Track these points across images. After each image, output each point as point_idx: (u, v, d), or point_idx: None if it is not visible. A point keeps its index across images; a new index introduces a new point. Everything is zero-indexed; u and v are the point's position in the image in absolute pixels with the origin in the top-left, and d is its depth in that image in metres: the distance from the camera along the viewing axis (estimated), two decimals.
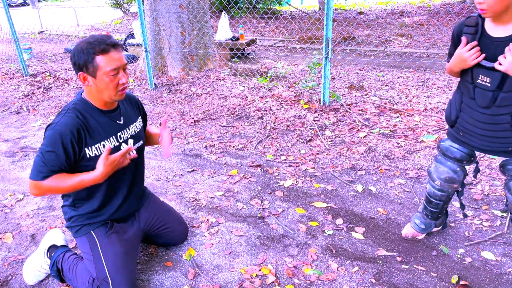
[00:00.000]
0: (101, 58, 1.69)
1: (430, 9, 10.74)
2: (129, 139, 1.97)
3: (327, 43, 3.92)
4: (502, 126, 1.75)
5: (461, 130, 1.94)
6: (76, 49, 1.71)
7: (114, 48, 1.72)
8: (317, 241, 2.38)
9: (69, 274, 2.00)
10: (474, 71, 1.76)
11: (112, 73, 1.72)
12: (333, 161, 3.29)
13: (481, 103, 1.78)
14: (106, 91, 1.76)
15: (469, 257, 2.19)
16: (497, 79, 1.68)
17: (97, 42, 1.68)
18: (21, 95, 5.42)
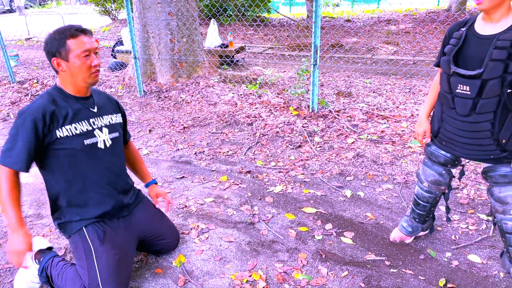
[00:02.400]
0: (72, 41, 1.79)
1: (416, 17, 10.93)
2: (103, 127, 2.01)
3: (316, 50, 3.97)
4: (483, 134, 1.80)
5: (444, 140, 1.98)
6: (49, 38, 1.82)
7: (84, 33, 1.83)
8: (307, 246, 2.39)
9: (58, 280, 1.98)
10: (452, 82, 1.81)
11: (83, 55, 1.80)
12: (322, 167, 3.32)
13: (461, 111, 1.82)
14: (79, 73, 1.84)
15: (456, 260, 2.23)
16: (476, 87, 1.72)
17: (66, 28, 1.80)
18: (8, 102, 5.37)
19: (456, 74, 1.78)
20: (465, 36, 1.80)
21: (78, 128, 1.88)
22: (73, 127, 1.87)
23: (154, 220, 2.25)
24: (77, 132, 1.88)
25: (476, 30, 1.77)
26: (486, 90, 1.71)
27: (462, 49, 1.81)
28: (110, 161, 2.03)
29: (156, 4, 5.23)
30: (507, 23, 1.68)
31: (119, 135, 2.11)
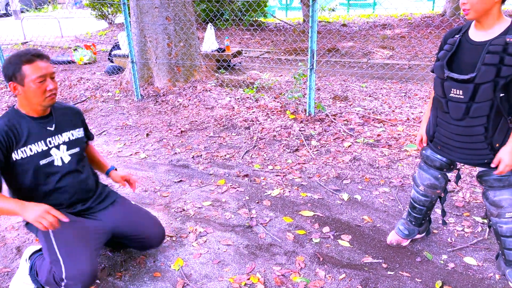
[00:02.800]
0: (27, 67, 1.82)
1: (411, 22, 11.03)
2: (61, 145, 2.05)
3: (312, 55, 4.00)
4: (477, 138, 1.83)
5: (439, 144, 2.01)
6: (6, 62, 1.86)
7: (39, 58, 1.86)
8: (305, 249, 2.41)
9: (39, 272, 2.01)
10: (445, 86, 1.84)
11: (38, 80, 1.84)
12: (319, 170, 3.34)
13: (455, 115, 1.84)
14: (34, 97, 1.88)
15: (452, 262, 2.25)
16: (469, 91, 1.75)
17: (23, 53, 1.84)
18: (5, 107, 5.36)
19: (449, 79, 1.81)
20: (459, 43, 1.83)
21: (34, 149, 1.93)
22: (28, 149, 1.92)
23: (130, 220, 2.21)
24: (31, 153, 1.93)
25: (469, 37, 1.80)
26: (479, 94, 1.74)
27: (456, 55, 1.84)
28: (68, 176, 2.06)
29: (154, 9, 5.26)
30: (499, 29, 1.71)
31: (79, 150, 2.14)
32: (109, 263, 2.34)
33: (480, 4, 1.66)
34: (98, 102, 5.42)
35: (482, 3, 1.66)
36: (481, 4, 1.66)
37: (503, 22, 1.71)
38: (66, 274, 1.83)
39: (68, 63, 8.34)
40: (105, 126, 4.61)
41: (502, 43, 1.67)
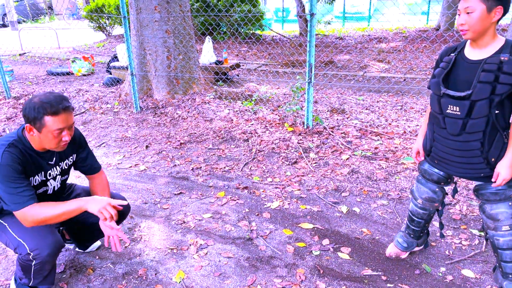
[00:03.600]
0: (49, 118, 1.82)
1: (405, 35, 11.20)
2: (57, 175, 2.15)
3: (310, 68, 4.07)
4: (473, 152, 1.88)
5: (436, 159, 2.06)
6: (29, 104, 1.84)
7: (65, 111, 1.85)
8: (305, 262, 2.43)
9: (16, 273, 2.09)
10: (442, 103, 1.90)
11: (57, 132, 1.86)
12: (318, 183, 3.38)
13: (452, 131, 1.90)
14: (47, 144, 1.91)
15: (450, 275, 2.29)
16: (466, 107, 1.81)
17: (49, 104, 1.81)
18: (4, 118, 5.37)
19: (446, 96, 1.87)
20: (455, 61, 1.90)
21: (37, 179, 2.01)
22: (33, 180, 2.00)
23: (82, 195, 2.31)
24: (34, 184, 2.00)
25: (465, 55, 1.87)
26: (475, 111, 1.79)
27: (452, 73, 1.90)
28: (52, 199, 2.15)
29: (154, 22, 5.33)
30: (494, 48, 1.78)
31: (67, 176, 2.25)
32: (111, 275, 2.35)
33: (478, 25, 1.73)
34: (97, 114, 5.45)
35: (480, 24, 1.72)
36: (479, 26, 1.73)
37: (498, 41, 1.78)
38: (29, 246, 1.91)
39: (67, 74, 8.38)
40: (104, 138, 4.63)
41: (496, 61, 1.73)
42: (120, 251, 2.14)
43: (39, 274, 2.01)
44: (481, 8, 1.70)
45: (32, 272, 1.98)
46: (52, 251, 1.95)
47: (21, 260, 1.95)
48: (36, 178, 2.00)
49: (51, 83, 7.64)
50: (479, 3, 1.70)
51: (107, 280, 2.31)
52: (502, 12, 1.72)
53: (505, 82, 1.72)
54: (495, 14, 1.71)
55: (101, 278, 2.33)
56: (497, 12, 1.71)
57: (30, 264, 1.94)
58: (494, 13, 1.71)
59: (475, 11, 1.71)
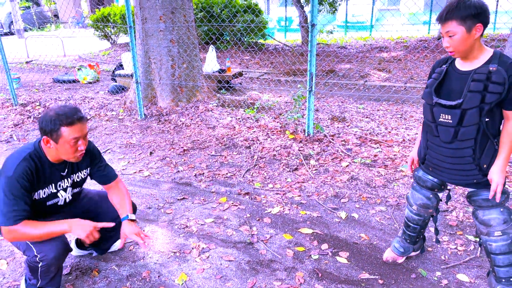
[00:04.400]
0: (65, 129, 1.93)
1: (406, 45, 11.31)
2: (68, 187, 2.23)
3: (311, 77, 4.16)
4: (466, 159, 1.96)
5: (430, 166, 2.14)
6: (45, 117, 1.94)
7: (79, 121, 1.97)
8: (304, 266, 2.50)
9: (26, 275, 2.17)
10: (434, 111, 1.98)
11: (73, 141, 1.96)
12: (318, 189, 3.46)
13: (445, 139, 1.98)
14: (64, 154, 2.01)
15: (445, 279, 2.35)
16: (457, 116, 1.89)
17: (65, 115, 1.92)
18: (11, 124, 5.49)
19: (438, 105, 1.96)
20: (446, 72, 1.98)
21: (46, 192, 2.10)
22: (42, 192, 2.09)
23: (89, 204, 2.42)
24: (43, 196, 2.10)
25: (456, 67, 1.96)
26: (466, 119, 1.88)
27: (444, 83, 1.99)
28: (64, 211, 2.27)
29: (159, 32, 5.45)
30: (483, 59, 1.87)
31: (80, 189, 2.36)
32: (115, 277, 2.43)
33: (462, 46, 1.82)
34: (102, 121, 5.55)
35: (463, 45, 1.82)
36: (463, 46, 1.82)
37: (486, 53, 1.87)
38: (36, 249, 2.00)
39: (72, 82, 8.52)
40: (109, 144, 4.73)
41: (485, 71, 1.82)
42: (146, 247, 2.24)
43: (46, 275, 2.09)
44: (461, 31, 1.78)
45: (39, 273, 2.07)
46: (58, 254, 2.03)
47: (29, 262, 2.04)
48: (45, 191, 2.10)
49: (57, 90, 7.78)
50: (458, 26, 1.78)
51: (111, 282, 2.39)
52: (482, 28, 1.79)
53: (494, 91, 1.80)
54: (476, 31, 1.79)
55: (106, 279, 2.41)
56: (477, 29, 1.78)
57: (37, 266, 2.03)
58: (475, 30, 1.79)
59: (456, 34, 1.80)
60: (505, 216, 1.99)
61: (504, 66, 1.80)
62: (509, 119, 1.87)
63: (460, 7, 1.77)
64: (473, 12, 1.75)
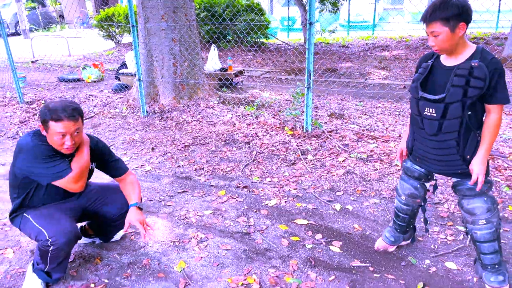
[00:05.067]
0: (52, 123, 2.07)
1: (408, 43, 11.36)
2: None
3: (309, 75, 4.26)
4: (450, 151, 2.05)
5: (417, 157, 2.23)
6: (42, 108, 2.12)
7: (68, 119, 2.07)
8: (298, 254, 2.60)
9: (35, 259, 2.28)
10: (420, 105, 2.07)
11: (57, 136, 2.09)
12: (314, 183, 3.55)
13: (429, 131, 2.07)
14: (54, 145, 2.15)
15: (434, 266, 2.44)
16: (441, 109, 1.98)
17: (55, 111, 2.06)
18: (17, 122, 5.62)
19: (423, 99, 2.05)
20: (432, 66, 2.07)
21: None
22: None
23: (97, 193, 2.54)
24: None
25: (441, 62, 2.04)
26: (449, 112, 1.96)
27: (430, 77, 2.08)
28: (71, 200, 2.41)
29: (161, 31, 5.57)
30: (466, 54, 1.95)
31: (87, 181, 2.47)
32: (117, 264, 2.53)
33: (446, 45, 1.91)
34: (106, 118, 5.68)
35: (448, 44, 1.90)
36: (447, 45, 1.91)
37: (469, 48, 1.95)
38: (48, 234, 2.12)
39: (77, 81, 8.66)
40: (112, 140, 4.84)
41: (467, 67, 1.90)
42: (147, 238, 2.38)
43: (54, 260, 2.20)
44: (444, 31, 1.86)
45: (48, 257, 2.17)
46: (68, 239, 2.15)
47: (41, 246, 2.15)
48: None
49: (62, 89, 7.92)
50: (441, 27, 1.86)
51: (113, 269, 2.49)
52: (465, 26, 1.87)
53: (476, 85, 1.88)
54: (459, 30, 1.87)
55: (108, 267, 2.51)
56: (460, 28, 1.86)
57: (48, 250, 2.14)
58: (458, 29, 1.86)
59: (441, 34, 1.88)
60: (488, 205, 2.07)
61: (485, 62, 1.88)
62: (490, 112, 1.95)
63: (443, 8, 1.84)
64: (456, 12, 1.83)
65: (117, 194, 2.52)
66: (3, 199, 3.45)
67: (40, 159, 2.09)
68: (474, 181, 2.02)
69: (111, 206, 2.50)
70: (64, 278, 2.38)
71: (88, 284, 2.35)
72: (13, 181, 2.26)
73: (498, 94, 1.89)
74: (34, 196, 2.28)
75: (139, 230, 2.32)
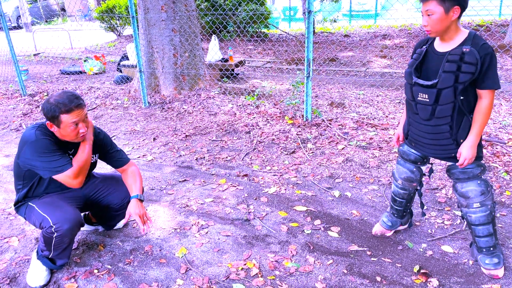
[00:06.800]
0: (64, 116, 2.11)
1: (410, 32, 11.29)
2: None
3: (308, 63, 4.27)
4: (443, 135, 2.08)
5: (412, 141, 2.27)
6: (46, 105, 2.13)
7: (77, 107, 2.14)
8: (297, 239, 2.64)
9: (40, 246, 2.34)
10: (414, 91, 2.10)
11: (73, 126, 2.15)
12: (313, 171, 3.58)
13: (423, 116, 2.10)
14: (67, 136, 2.20)
15: (430, 250, 2.47)
16: (433, 95, 2.01)
17: (63, 104, 2.10)
18: (20, 114, 5.68)
19: (417, 84, 2.07)
20: (426, 52, 2.09)
21: None
22: None
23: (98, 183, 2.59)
24: None
25: (435, 47, 2.06)
26: (442, 98, 1.99)
27: (424, 63, 2.10)
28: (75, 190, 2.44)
29: (161, 22, 5.57)
30: (458, 40, 1.97)
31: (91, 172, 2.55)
32: (120, 251, 2.59)
33: (439, 26, 1.93)
34: (107, 109, 5.72)
35: (441, 25, 1.93)
36: (440, 26, 1.93)
37: (462, 34, 1.97)
38: (52, 220, 2.17)
39: (79, 73, 8.70)
40: (114, 131, 4.89)
41: (459, 52, 1.92)
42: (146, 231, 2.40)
43: (58, 246, 2.25)
44: (439, 11, 1.90)
45: (53, 244, 2.23)
46: (72, 226, 2.20)
47: (45, 233, 2.20)
48: None
49: (64, 81, 7.96)
50: (437, 6, 1.89)
51: (116, 256, 2.55)
52: (459, 11, 1.90)
53: (467, 71, 1.90)
54: (453, 13, 1.90)
55: (111, 253, 2.57)
56: (454, 11, 1.90)
57: (52, 236, 2.19)
58: (452, 12, 1.90)
59: (435, 14, 1.91)
60: (482, 188, 2.11)
61: (476, 47, 1.90)
62: (482, 97, 1.97)
63: None
64: None
65: (119, 185, 2.57)
66: (7, 190, 3.51)
67: (41, 153, 2.13)
68: (461, 164, 2.05)
69: (114, 196, 2.55)
70: (68, 265, 2.44)
71: (92, 270, 2.41)
72: (18, 172, 2.31)
73: (489, 80, 1.92)
74: (38, 187, 2.34)
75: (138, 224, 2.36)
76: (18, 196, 2.36)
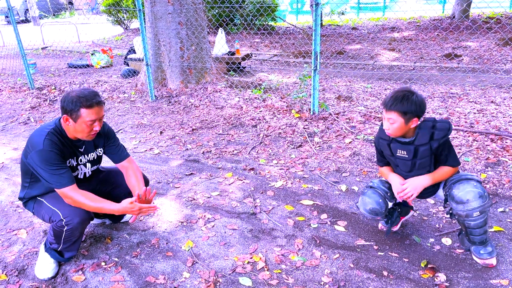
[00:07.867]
0: (84, 110, 2.11)
1: (419, 24, 11.16)
2: (87, 163, 2.42)
3: (316, 56, 4.23)
4: None
5: None
6: (67, 97, 2.13)
7: (98, 104, 2.14)
8: (303, 233, 2.64)
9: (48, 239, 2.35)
10: (392, 147, 2.24)
11: (89, 122, 2.15)
12: (320, 164, 3.57)
13: (404, 169, 2.26)
14: (80, 133, 2.20)
15: (438, 245, 2.45)
16: (411, 151, 2.16)
17: (85, 98, 2.10)
18: (28, 107, 5.71)
19: (394, 141, 2.21)
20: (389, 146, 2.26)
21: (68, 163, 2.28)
22: (67, 162, 2.27)
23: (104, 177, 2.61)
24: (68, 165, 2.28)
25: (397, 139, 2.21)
26: (420, 153, 2.15)
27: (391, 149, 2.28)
28: (83, 184, 2.42)
29: (167, 15, 5.56)
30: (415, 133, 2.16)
31: (97, 166, 2.55)
32: (127, 244, 2.60)
33: (399, 132, 2.11)
34: (115, 103, 5.74)
35: (400, 131, 2.10)
36: (400, 132, 2.11)
37: None
38: (63, 214, 2.18)
39: (86, 66, 8.73)
40: (121, 124, 4.91)
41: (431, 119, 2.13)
42: None
43: (68, 240, 2.27)
44: (400, 121, 2.06)
45: (63, 237, 2.24)
46: (82, 219, 2.21)
47: (55, 226, 2.21)
48: (71, 161, 2.29)
49: (71, 75, 7.99)
50: (398, 117, 2.05)
51: (123, 248, 2.56)
52: (418, 120, 2.08)
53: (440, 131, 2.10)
54: (412, 123, 2.07)
55: (118, 246, 2.59)
56: (413, 122, 2.07)
57: (62, 230, 2.20)
58: (411, 122, 2.06)
59: (396, 123, 2.07)
60: (479, 190, 2.06)
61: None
62: None
63: (404, 102, 2.01)
64: (413, 109, 2.01)
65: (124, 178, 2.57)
66: (16, 183, 3.54)
67: (48, 164, 2.12)
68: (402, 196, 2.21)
69: (120, 189, 2.57)
70: (76, 257, 2.46)
71: (99, 262, 2.43)
72: (25, 170, 2.32)
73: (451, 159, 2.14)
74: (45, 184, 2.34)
75: None
76: (25, 193, 2.37)
